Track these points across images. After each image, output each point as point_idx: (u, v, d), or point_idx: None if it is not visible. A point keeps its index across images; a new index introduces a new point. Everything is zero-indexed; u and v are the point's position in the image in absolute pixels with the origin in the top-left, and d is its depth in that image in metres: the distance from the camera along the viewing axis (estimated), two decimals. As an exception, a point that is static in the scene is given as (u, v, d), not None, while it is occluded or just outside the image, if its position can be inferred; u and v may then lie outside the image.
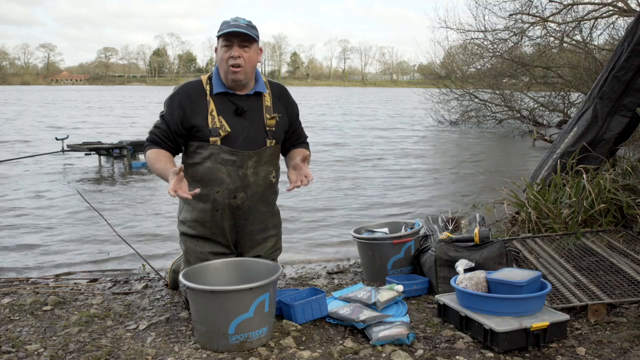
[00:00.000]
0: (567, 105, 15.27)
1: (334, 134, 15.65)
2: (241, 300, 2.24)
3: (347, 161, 10.30)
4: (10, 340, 2.44)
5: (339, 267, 3.86)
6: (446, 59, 19.45)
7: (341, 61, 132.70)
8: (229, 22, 2.57)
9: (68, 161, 10.00)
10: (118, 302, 2.97)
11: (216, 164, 2.56)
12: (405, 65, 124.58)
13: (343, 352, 2.29)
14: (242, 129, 2.58)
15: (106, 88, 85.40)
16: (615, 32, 11.85)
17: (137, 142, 9.56)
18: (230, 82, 2.58)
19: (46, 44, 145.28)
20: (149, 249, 4.55)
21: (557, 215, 3.90)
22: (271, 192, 2.76)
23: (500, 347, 2.25)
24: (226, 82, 2.60)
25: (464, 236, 3.12)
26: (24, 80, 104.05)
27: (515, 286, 2.40)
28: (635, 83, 4.26)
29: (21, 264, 4.25)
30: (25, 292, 3.19)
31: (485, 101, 17.15)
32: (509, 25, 12.91)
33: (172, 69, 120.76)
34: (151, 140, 2.62)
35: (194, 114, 2.55)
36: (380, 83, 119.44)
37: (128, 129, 16.66)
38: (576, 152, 4.32)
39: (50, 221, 5.66)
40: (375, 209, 6.32)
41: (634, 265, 3.10)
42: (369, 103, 37.91)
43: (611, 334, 2.45)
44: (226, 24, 2.56)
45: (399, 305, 2.73)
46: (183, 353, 2.29)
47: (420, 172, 9.15)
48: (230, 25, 2.53)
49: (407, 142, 13.78)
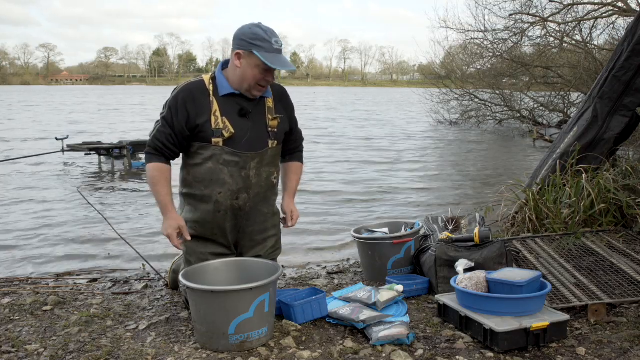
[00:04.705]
0: (567, 105, 15.27)
1: (334, 136, 15.65)
2: (241, 300, 2.24)
3: (348, 161, 10.30)
4: (10, 340, 2.44)
5: (339, 267, 3.86)
6: (446, 59, 19.47)
7: (341, 61, 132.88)
8: (272, 44, 2.46)
9: (68, 161, 10.00)
10: (118, 302, 2.97)
11: (218, 165, 2.56)
12: (405, 65, 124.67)
13: (343, 352, 2.29)
14: (246, 130, 2.58)
15: (107, 88, 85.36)
16: (615, 32, 11.86)
17: (137, 142, 9.56)
18: (247, 93, 2.57)
19: (46, 44, 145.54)
20: (149, 249, 4.54)
21: (557, 215, 3.90)
22: (272, 193, 2.76)
23: (500, 347, 2.25)
24: (240, 89, 2.56)
25: (464, 236, 3.12)
26: (24, 80, 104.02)
27: (515, 286, 2.40)
28: (635, 83, 4.26)
29: (21, 264, 4.25)
30: (25, 292, 3.19)
31: (485, 101, 17.16)
32: (509, 25, 12.91)
33: (172, 69, 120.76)
34: (154, 148, 2.56)
35: (197, 114, 2.52)
36: (380, 83, 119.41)
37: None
38: (576, 152, 4.32)
39: (51, 221, 5.65)
40: (375, 208, 6.31)
41: (634, 265, 3.10)
42: (372, 105, 37.82)
43: (611, 334, 2.45)
44: (268, 43, 2.45)
45: (399, 305, 2.73)
46: (183, 353, 2.29)
47: (420, 172, 9.15)
48: (275, 50, 2.46)
49: (407, 142, 13.77)
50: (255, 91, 2.57)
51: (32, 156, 9.52)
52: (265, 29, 2.49)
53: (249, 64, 2.49)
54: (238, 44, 2.50)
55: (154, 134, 2.58)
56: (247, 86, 2.54)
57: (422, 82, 34.99)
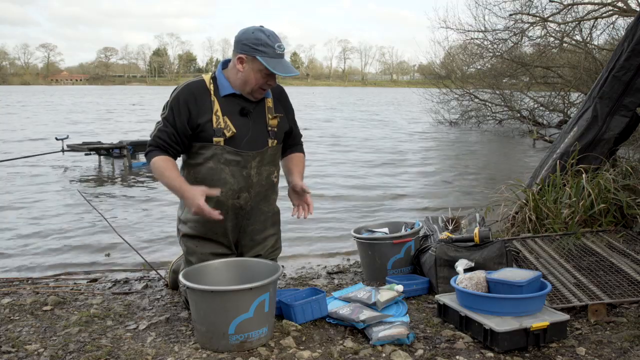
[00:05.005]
0: (567, 105, 15.27)
1: (334, 136, 15.66)
2: (241, 300, 2.24)
3: (348, 161, 10.30)
4: (10, 340, 2.44)
5: (339, 267, 3.86)
6: (446, 59, 19.49)
7: (341, 61, 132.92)
8: (274, 49, 2.47)
9: (68, 161, 10.00)
10: (118, 302, 2.97)
11: (219, 165, 2.56)
12: (405, 65, 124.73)
13: (343, 352, 2.29)
14: (247, 129, 2.58)
15: (107, 88, 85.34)
16: (615, 32, 11.87)
17: (137, 142, 9.57)
18: (249, 96, 2.57)
19: (46, 44, 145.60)
20: (149, 249, 4.55)
21: (557, 215, 3.90)
22: (273, 192, 2.76)
23: (500, 347, 2.25)
24: (242, 92, 2.57)
25: (464, 236, 3.12)
26: (24, 80, 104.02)
27: (515, 286, 2.40)
28: (635, 83, 4.26)
29: (21, 264, 4.25)
30: (25, 292, 3.19)
31: (485, 101, 17.16)
32: (509, 25, 12.91)
33: (172, 69, 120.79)
34: (156, 145, 2.55)
35: (199, 114, 2.53)
36: (380, 83, 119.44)
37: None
38: (576, 152, 4.32)
39: (51, 221, 5.65)
40: (375, 209, 6.31)
41: (634, 265, 3.10)
42: (372, 105, 37.80)
43: (611, 334, 2.45)
44: (271, 48, 2.46)
45: (399, 305, 2.73)
46: (183, 353, 2.29)
47: (420, 172, 9.15)
48: (278, 55, 2.47)
49: (407, 143, 13.77)
50: (257, 94, 2.58)
51: (32, 156, 9.53)
52: (268, 34, 2.49)
53: (252, 69, 2.49)
54: (241, 48, 2.50)
55: (155, 134, 2.57)
56: (250, 89, 2.55)
57: (422, 82, 35.03)
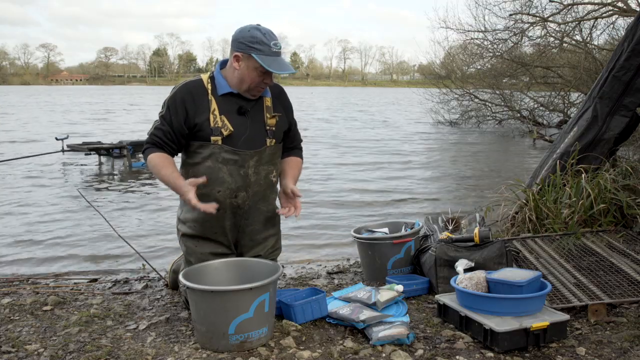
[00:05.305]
0: (567, 105, 15.28)
1: (335, 137, 15.65)
2: (241, 300, 2.24)
3: (348, 162, 10.30)
4: (10, 340, 2.44)
5: (339, 267, 3.86)
6: (446, 59, 19.49)
7: (341, 61, 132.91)
8: (270, 47, 2.47)
9: (68, 161, 10.00)
10: (118, 302, 2.97)
11: (217, 164, 2.56)
12: (405, 65, 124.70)
13: (343, 352, 2.29)
14: (245, 128, 2.58)
15: (107, 88, 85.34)
16: (615, 32, 11.87)
17: (137, 142, 9.57)
18: (246, 94, 2.58)
19: (46, 44, 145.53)
20: (149, 249, 4.55)
21: (557, 215, 3.90)
22: (271, 192, 2.76)
23: (500, 347, 2.25)
24: (239, 90, 2.57)
25: (464, 236, 3.12)
26: (24, 80, 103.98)
27: (515, 286, 2.40)
28: (635, 83, 4.26)
29: (21, 264, 4.25)
30: (25, 292, 3.19)
31: (485, 101, 17.16)
32: (509, 25, 12.92)
33: (172, 69, 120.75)
34: (153, 143, 2.57)
35: (196, 113, 2.53)
36: (380, 83, 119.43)
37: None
38: (576, 152, 4.32)
39: (50, 221, 5.65)
40: (375, 208, 6.32)
41: (634, 265, 3.10)
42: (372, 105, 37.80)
43: (611, 334, 2.45)
44: (266, 46, 2.46)
45: (399, 305, 2.73)
46: (183, 353, 2.29)
47: (420, 172, 9.15)
48: (274, 53, 2.47)
49: (407, 143, 13.77)
50: (255, 92, 2.58)
51: (32, 156, 9.53)
52: (264, 32, 2.49)
53: (247, 67, 2.50)
54: (237, 47, 2.51)
55: (152, 132, 2.59)
56: (246, 87, 2.55)
57: (422, 82, 35.03)
